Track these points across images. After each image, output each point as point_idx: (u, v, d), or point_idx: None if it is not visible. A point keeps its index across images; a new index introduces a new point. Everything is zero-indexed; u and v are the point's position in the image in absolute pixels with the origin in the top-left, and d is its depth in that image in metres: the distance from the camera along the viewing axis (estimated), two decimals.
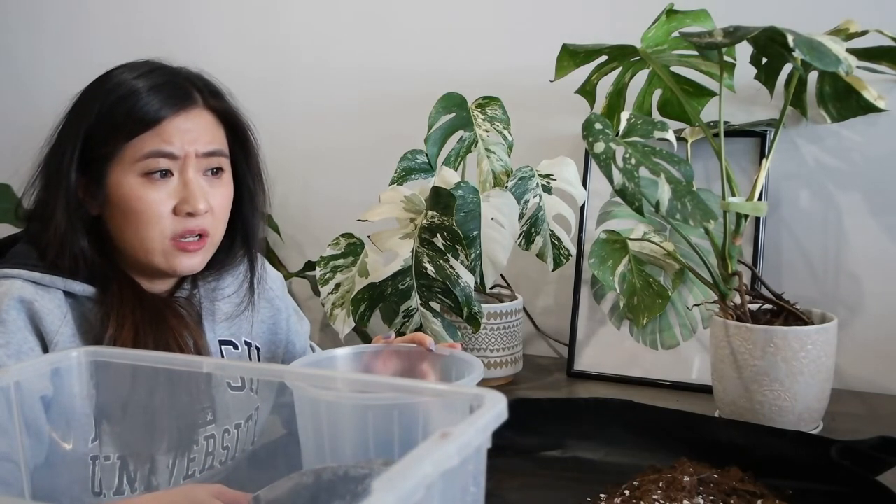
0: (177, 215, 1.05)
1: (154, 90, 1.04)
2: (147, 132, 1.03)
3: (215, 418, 1.06)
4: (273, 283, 1.25)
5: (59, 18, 2.20)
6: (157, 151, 1.03)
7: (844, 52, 1.15)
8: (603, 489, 1.04)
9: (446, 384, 0.97)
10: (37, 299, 1.00)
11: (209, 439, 1.07)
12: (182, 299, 1.12)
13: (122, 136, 1.03)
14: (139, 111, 1.03)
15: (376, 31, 1.87)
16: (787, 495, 1.01)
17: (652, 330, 1.55)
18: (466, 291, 1.35)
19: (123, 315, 1.03)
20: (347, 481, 0.76)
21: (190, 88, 1.08)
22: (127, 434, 0.98)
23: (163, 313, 1.07)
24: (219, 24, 2.03)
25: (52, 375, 0.92)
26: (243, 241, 1.16)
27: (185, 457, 1.03)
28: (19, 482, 0.89)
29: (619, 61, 1.46)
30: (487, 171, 1.55)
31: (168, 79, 1.07)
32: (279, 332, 1.24)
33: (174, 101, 1.05)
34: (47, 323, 1.00)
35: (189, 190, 1.04)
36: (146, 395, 0.94)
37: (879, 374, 1.49)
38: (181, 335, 1.06)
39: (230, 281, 1.17)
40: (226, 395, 1.08)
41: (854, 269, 1.51)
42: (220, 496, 0.85)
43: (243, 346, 1.17)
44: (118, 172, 1.04)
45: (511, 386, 1.55)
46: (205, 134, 1.07)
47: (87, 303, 1.05)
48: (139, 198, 1.03)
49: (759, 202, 1.29)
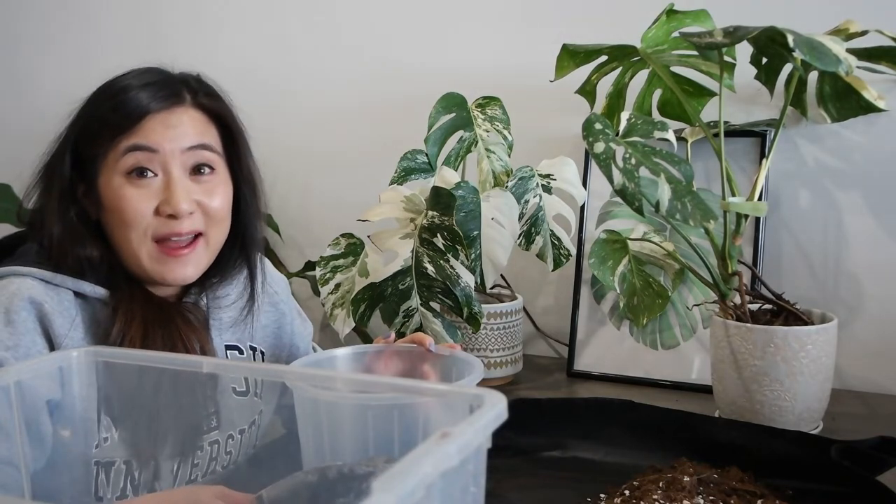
0: (159, 216, 1.02)
1: (142, 88, 1.03)
2: (131, 129, 1.02)
3: (220, 424, 1.06)
4: (276, 285, 1.23)
5: (63, 23, 2.20)
6: (134, 146, 1.01)
7: (844, 52, 1.14)
8: (603, 489, 1.04)
9: (446, 384, 0.97)
10: (47, 301, 0.99)
11: (213, 444, 1.06)
12: (190, 304, 1.11)
13: (107, 135, 1.02)
14: (124, 108, 1.02)
15: (376, 31, 1.87)
16: (787, 495, 1.01)
17: (652, 330, 1.55)
18: (466, 291, 1.35)
19: (132, 312, 1.02)
20: (351, 479, 0.76)
21: (180, 87, 1.06)
22: (131, 438, 0.97)
23: (171, 315, 1.06)
24: (220, 25, 2.03)
25: (57, 377, 0.92)
26: (241, 245, 1.13)
27: (189, 462, 1.03)
28: (19, 485, 0.88)
29: (619, 61, 1.46)
30: (487, 171, 1.55)
31: (159, 78, 1.06)
32: (283, 336, 1.23)
33: (161, 97, 1.04)
34: (56, 326, 0.99)
35: (171, 189, 1.02)
36: (151, 399, 0.93)
37: (879, 374, 1.49)
38: (189, 338, 1.05)
39: (232, 287, 1.15)
40: (230, 401, 1.08)
41: (854, 269, 1.51)
42: (223, 497, 0.85)
43: (248, 352, 1.16)
44: (106, 173, 1.03)
45: (511, 386, 1.55)
46: (190, 131, 1.04)
47: (96, 304, 1.04)
48: (121, 197, 1.02)
49: (759, 202, 1.29)
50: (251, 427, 1.12)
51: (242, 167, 1.12)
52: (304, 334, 1.27)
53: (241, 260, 1.14)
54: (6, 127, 2.23)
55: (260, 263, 1.17)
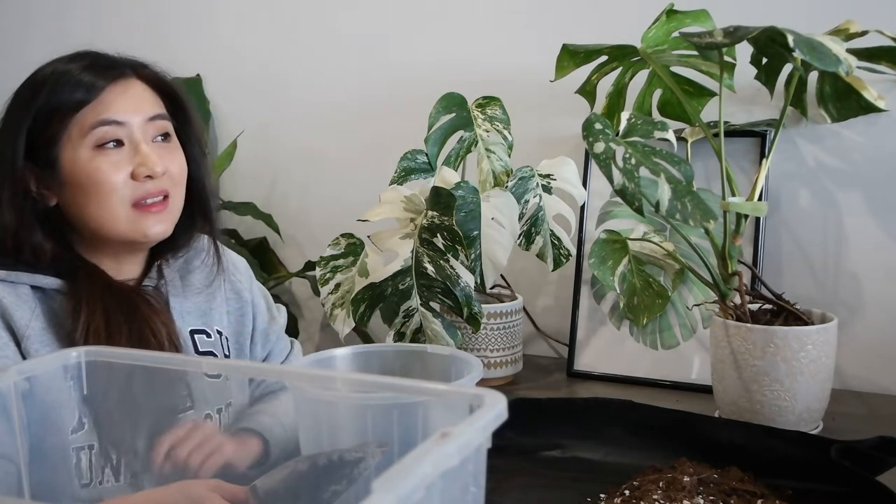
0: (135, 180, 1.06)
1: (86, 68, 1.07)
2: (89, 105, 1.05)
3: (194, 404, 1.06)
4: (237, 272, 1.24)
5: (66, 23, 2.20)
6: (102, 120, 1.05)
7: (844, 52, 1.14)
8: (603, 489, 1.04)
9: (446, 384, 0.97)
10: (4, 296, 1.01)
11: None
12: (150, 288, 1.13)
13: (66, 113, 1.05)
14: (76, 86, 1.05)
15: (376, 31, 1.87)
16: (787, 495, 1.01)
17: (652, 330, 1.55)
18: (466, 291, 1.35)
19: (94, 303, 1.04)
20: (343, 465, 0.77)
21: (119, 63, 1.10)
22: (107, 422, 0.98)
23: (133, 301, 1.08)
24: (219, 25, 2.03)
25: (37, 371, 0.92)
26: (199, 206, 1.17)
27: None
28: (18, 482, 0.88)
29: (619, 61, 1.46)
30: (487, 171, 1.55)
31: (95, 58, 1.10)
32: (245, 324, 1.23)
33: (107, 73, 1.08)
34: (17, 318, 1.01)
35: (142, 154, 1.06)
36: (124, 383, 0.94)
37: (879, 374, 1.49)
38: (153, 322, 1.07)
39: (195, 253, 1.18)
40: (202, 382, 1.09)
41: (854, 269, 1.51)
42: (218, 490, 0.85)
43: (215, 335, 1.17)
44: (69, 151, 1.05)
45: (511, 386, 1.55)
46: (145, 100, 1.10)
47: (55, 296, 1.05)
48: (95, 168, 1.05)
49: (759, 202, 1.29)
50: (227, 407, 1.12)
51: (192, 130, 1.17)
52: (268, 332, 1.26)
53: (200, 218, 1.17)
54: None
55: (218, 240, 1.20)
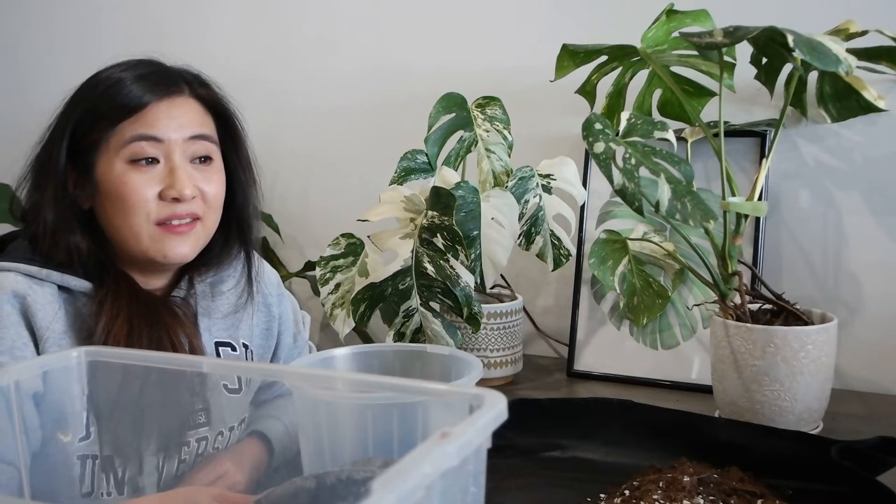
0: (163, 200, 1.05)
1: (139, 79, 1.06)
2: (131, 117, 1.04)
3: (209, 421, 1.06)
4: (269, 286, 1.24)
5: (65, 19, 2.20)
6: (140, 136, 1.04)
7: (844, 52, 1.14)
8: (603, 489, 1.04)
9: (446, 384, 0.97)
10: (30, 293, 1.00)
11: (201, 441, 1.06)
12: (178, 299, 1.12)
13: (106, 123, 1.04)
14: (123, 98, 1.04)
15: (376, 31, 1.87)
16: (787, 495, 1.00)
17: (652, 330, 1.55)
18: (466, 291, 1.35)
19: (118, 308, 1.03)
20: (350, 484, 0.76)
21: (178, 78, 1.09)
22: (115, 433, 0.98)
23: (158, 310, 1.07)
24: (221, 25, 2.03)
25: (48, 373, 0.92)
26: (238, 232, 1.15)
27: (175, 458, 1.03)
28: (18, 484, 0.88)
29: (619, 61, 1.46)
30: (487, 171, 1.55)
31: (154, 69, 1.09)
32: (271, 339, 1.23)
33: (159, 88, 1.06)
34: (39, 318, 1.00)
35: (175, 175, 1.05)
36: (137, 394, 0.93)
37: (879, 374, 1.49)
38: (175, 333, 1.06)
39: (228, 275, 1.17)
40: (221, 398, 1.08)
41: (854, 269, 1.51)
42: (222, 499, 0.85)
43: (241, 348, 1.16)
44: (105, 160, 1.05)
45: (511, 386, 1.55)
46: (191, 120, 1.07)
47: (81, 298, 1.05)
48: (124, 183, 1.04)
49: (759, 202, 1.29)
50: (241, 424, 1.12)
51: (241, 153, 1.15)
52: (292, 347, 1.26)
53: (238, 246, 1.16)
54: (7, 127, 2.23)
55: (256, 254, 1.19)
